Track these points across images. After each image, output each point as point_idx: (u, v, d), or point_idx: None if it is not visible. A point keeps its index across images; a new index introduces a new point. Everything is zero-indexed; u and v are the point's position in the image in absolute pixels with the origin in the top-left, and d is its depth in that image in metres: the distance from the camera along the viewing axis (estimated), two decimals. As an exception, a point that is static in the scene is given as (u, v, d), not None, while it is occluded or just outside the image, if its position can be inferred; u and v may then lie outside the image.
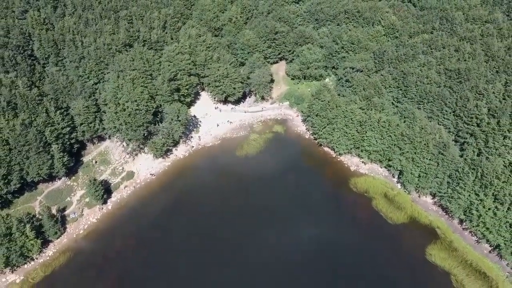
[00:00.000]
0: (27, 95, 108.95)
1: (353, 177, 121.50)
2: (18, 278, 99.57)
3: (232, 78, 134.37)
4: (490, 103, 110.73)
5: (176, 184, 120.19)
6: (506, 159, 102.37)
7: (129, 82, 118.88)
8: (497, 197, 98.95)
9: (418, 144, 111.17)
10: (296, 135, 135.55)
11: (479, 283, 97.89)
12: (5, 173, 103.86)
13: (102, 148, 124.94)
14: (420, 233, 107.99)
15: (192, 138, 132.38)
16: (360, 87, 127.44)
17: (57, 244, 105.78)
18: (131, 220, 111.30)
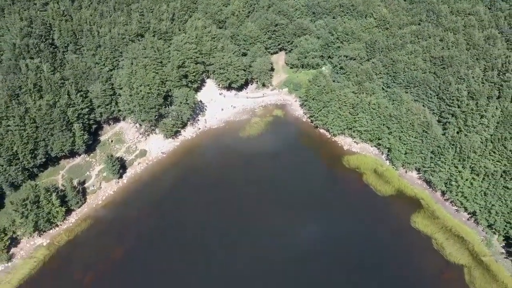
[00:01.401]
0: (50, 79, 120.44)
1: (346, 155, 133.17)
2: (44, 242, 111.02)
3: (235, 66, 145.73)
4: (470, 86, 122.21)
5: (184, 161, 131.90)
6: (483, 136, 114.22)
7: (142, 68, 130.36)
8: (474, 169, 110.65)
9: (404, 124, 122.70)
10: (295, 118, 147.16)
11: (457, 245, 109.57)
12: (32, 148, 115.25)
13: (117, 129, 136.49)
14: (406, 203, 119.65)
15: (199, 121, 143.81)
16: (353, 73, 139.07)
17: (79, 212, 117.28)
18: (145, 192, 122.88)
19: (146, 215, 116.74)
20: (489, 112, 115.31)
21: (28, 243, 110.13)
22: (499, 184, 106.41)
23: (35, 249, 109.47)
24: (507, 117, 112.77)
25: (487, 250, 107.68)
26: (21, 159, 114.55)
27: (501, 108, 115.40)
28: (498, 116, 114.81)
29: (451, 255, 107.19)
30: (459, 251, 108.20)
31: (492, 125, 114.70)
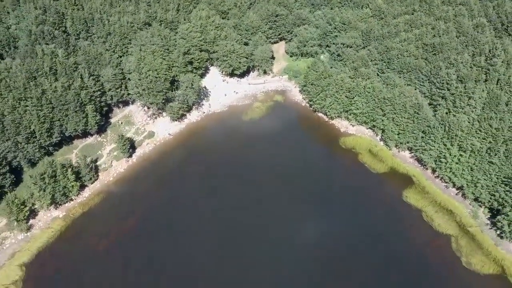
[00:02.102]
0: (65, 63, 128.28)
1: (342, 137, 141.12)
2: (60, 214, 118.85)
3: (238, 54, 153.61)
4: (459, 71, 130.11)
5: (190, 142, 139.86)
6: (470, 116, 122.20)
7: (150, 54, 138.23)
8: (461, 147, 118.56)
9: (397, 106, 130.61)
10: (294, 103, 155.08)
11: (445, 217, 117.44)
12: (48, 127, 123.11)
13: (127, 112, 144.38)
14: (398, 180, 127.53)
15: (203, 105, 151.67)
16: (350, 60, 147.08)
17: (92, 188, 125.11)
18: (153, 169, 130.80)
19: (154, 190, 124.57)
20: (476, 94, 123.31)
21: (45, 215, 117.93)
22: (484, 159, 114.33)
23: (52, 220, 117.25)
24: (493, 98, 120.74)
25: (473, 222, 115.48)
26: (38, 137, 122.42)
27: (487, 91, 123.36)
28: (484, 98, 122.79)
29: (439, 226, 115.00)
30: (447, 223, 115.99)
31: (479, 106, 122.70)
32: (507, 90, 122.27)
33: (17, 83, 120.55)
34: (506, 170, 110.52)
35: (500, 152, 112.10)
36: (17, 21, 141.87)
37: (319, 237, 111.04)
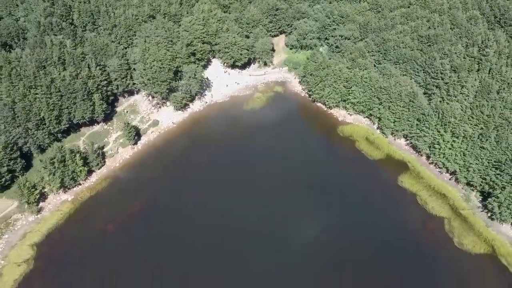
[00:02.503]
0: (73, 53, 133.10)
1: (340, 125, 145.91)
2: (69, 197, 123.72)
3: (239, 46, 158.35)
4: (452, 61, 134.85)
5: (193, 130, 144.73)
6: (463, 104, 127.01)
7: (154, 46, 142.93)
8: (454, 133, 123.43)
9: (393, 94, 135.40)
10: (294, 93, 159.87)
11: (439, 201, 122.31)
12: (57, 115, 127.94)
13: (132, 101, 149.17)
14: (394, 166, 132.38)
15: (206, 95, 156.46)
16: (348, 52, 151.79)
17: (99, 173, 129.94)
18: (157, 156, 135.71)
19: (159, 175, 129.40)
20: (469, 83, 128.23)
21: (54, 198, 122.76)
22: (476, 145, 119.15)
23: (61, 204, 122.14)
24: (485, 87, 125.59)
25: (465, 205, 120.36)
26: (47, 124, 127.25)
27: (479, 79, 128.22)
28: (476, 86, 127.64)
29: (433, 209, 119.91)
30: (440, 206, 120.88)
31: (472, 94, 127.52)
32: (498, 79, 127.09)
33: (27, 72, 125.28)
34: (497, 155, 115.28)
35: (491, 138, 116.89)
36: (25, 13, 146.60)
37: (318, 219, 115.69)
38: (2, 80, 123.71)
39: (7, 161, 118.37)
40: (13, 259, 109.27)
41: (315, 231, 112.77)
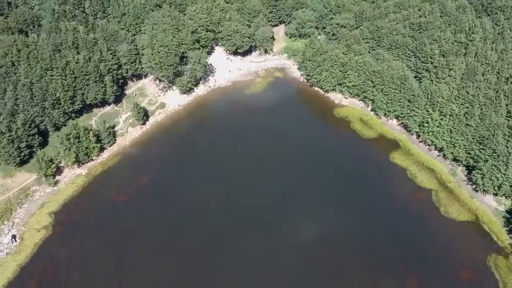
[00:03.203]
0: (85, 38, 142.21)
1: (336, 108, 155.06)
2: (83, 171, 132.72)
3: (241, 34, 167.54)
4: (441, 46, 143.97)
5: (198, 111, 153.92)
6: (450, 86, 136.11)
7: (162, 32, 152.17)
8: (442, 112, 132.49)
9: (386, 77, 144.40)
10: (293, 79, 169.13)
11: (427, 175, 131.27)
12: (71, 95, 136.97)
13: (140, 85, 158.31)
14: (386, 144, 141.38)
15: (209, 80, 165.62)
16: (344, 39, 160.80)
17: (110, 150, 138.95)
18: (165, 135, 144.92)
19: (166, 152, 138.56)
20: (456, 66, 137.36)
21: (70, 172, 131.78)
22: (462, 122, 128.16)
23: (76, 177, 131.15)
24: (471, 69, 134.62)
25: (452, 178, 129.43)
26: (62, 104, 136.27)
27: (466, 63, 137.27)
28: (463, 69, 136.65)
29: (422, 182, 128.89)
30: (429, 179, 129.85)
31: (458, 76, 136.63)
32: (483, 62, 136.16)
33: (44, 55, 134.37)
34: (481, 131, 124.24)
35: (475, 115, 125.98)
36: (40, 2, 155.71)
37: (316, 189, 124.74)
38: (21, 62, 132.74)
39: (26, 137, 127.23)
40: (32, 225, 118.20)
41: (312, 198, 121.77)
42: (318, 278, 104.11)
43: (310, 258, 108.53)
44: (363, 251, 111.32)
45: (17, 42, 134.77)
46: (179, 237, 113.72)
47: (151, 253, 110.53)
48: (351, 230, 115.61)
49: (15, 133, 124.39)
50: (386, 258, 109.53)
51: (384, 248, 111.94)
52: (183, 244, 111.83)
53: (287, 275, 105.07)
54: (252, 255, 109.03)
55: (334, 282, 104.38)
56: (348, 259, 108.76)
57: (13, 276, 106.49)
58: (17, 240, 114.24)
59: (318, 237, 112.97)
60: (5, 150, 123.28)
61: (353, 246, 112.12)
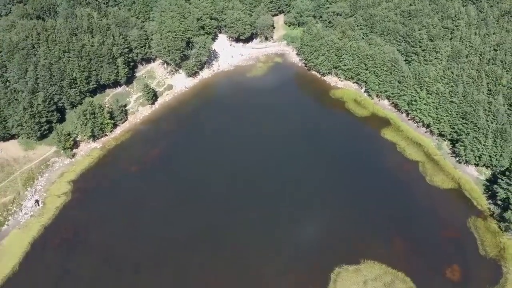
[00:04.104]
0: (99, 23, 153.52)
1: (332, 90, 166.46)
2: (98, 145, 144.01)
3: (243, 21, 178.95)
4: (429, 31, 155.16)
5: (203, 93, 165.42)
6: (437, 67, 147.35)
7: (169, 19, 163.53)
8: (428, 90, 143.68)
9: (378, 61, 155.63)
10: (291, 64, 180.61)
11: (415, 149, 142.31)
12: (87, 76, 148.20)
13: (149, 68, 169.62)
14: (378, 122, 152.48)
15: (213, 65, 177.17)
16: (339, 26, 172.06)
17: (122, 127, 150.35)
18: (173, 113, 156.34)
19: (174, 129, 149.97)
20: (442, 49, 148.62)
21: (85, 146, 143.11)
22: (446, 100, 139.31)
23: (91, 150, 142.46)
24: (455, 52, 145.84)
25: (437, 151, 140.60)
26: (78, 83, 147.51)
27: (451, 46, 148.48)
28: (449, 52, 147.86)
29: (410, 155, 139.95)
30: (416, 153, 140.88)
31: (444, 58, 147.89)
32: (467, 46, 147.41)
33: (61, 38, 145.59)
34: (464, 107, 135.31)
35: (459, 93, 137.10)
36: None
37: (312, 162, 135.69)
38: (41, 44, 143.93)
39: (45, 113, 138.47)
40: (53, 192, 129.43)
41: (309, 169, 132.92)
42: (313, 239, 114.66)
43: (305, 220, 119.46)
44: (355, 214, 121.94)
45: (36, 27, 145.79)
46: (186, 203, 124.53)
47: (161, 216, 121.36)
48: (344, 197, 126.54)
49: (36, 109, 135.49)
50: (376, 221, 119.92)
51: (374, 212, 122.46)
52: (189, 208, 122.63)
53: (283, 233, 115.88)
54: (252, 217, 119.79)
55: (328, 242, 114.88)
56: (340, 222, 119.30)
57: (38, 234, 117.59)
58: (39, 204, 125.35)
59: (314, 201, 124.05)
60: (27, 124, 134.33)
61: (345, 210, 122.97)
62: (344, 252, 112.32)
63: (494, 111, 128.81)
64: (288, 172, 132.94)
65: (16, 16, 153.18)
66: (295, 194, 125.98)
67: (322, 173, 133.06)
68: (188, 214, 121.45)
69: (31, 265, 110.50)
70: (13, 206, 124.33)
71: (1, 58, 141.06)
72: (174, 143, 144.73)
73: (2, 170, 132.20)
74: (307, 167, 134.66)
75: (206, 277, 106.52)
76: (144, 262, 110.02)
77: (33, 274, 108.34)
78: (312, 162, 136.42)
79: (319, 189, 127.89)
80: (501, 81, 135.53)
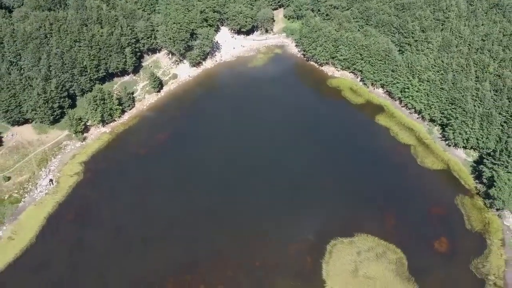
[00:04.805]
0: (108, 15, 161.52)
1: (329, 79, 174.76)
2: (107, 130, 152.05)
3: (245, 14, 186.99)
4: (422, 23, 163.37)
5: (206, 82, 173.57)
6: (428, 57, 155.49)
7: (174, 11, 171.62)
8: (420, 78, 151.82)
9: (372, 51, 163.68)
10: (291, 54, 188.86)
11: (407, 133, 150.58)
12: (96, 64, 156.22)
13: (155, 58, 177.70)
14: (372, 109, 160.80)
15: (216, 55, 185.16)
16: (336, 18, 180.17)
17: (130, 113, 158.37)
18: (177, 101, 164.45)
19: (179, 115, 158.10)
20: (433, 39, 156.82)
21: (95, 130, 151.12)
22: (437, 87, 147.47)
23: (101, 134, 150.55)
24: (446, 42, 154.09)
25: (428, 136, 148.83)
26: (88, 71, 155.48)
27: (442, 37, 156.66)
28: (440, 42, 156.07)
29: (402, 139, 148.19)
30: (408, 137, 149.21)
31: (436, 48, 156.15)
32: (457, 36, 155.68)
33: (72, 28, 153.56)
34: (453, 94, 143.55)
35: (448, 81, 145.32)
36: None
37: (310, 146, 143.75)
38: (53, 34, 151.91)
39: (58, 98, 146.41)
40: (66, 172, 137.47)
41: (307, 152, 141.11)
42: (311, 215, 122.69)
43: (304, 198, 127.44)
44: (350, 193, 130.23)
45: (49, 17, 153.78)
46: (190, 182, 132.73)
47: (167, 194, 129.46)
48: (340, 176, 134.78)
49: (49, 94, 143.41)
50: (369, 198, 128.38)
51: (368, 190, 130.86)
52: (194, 187, 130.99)
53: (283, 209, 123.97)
54: (253, 195, 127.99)
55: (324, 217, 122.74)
56: (336, 199, 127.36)
57: (52, 210, 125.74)
58: (53, 183, 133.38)
59: (312, 180, 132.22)
60: (41, 109, 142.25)
61: (341, 189, 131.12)
62: (339, 226, 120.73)
63: (481, 96, 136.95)
64: (287, 154, 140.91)
65: (29, 8, 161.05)
66: (294, 174, 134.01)
67: (320, 155, 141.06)
68: (193, 192, 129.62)
69: (47, 237, 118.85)
70: (29, 184, 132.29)
71: (15, 47, 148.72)
72: (179, 129, 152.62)
73: (18, 152, 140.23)
74: (305, 150, 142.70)
75: (210, 249, 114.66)
76: (151, 235, 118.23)
77: (49, 245, 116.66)
78: (310, 145, 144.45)
79: (317, 170, 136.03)
80: (488, 68, 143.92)
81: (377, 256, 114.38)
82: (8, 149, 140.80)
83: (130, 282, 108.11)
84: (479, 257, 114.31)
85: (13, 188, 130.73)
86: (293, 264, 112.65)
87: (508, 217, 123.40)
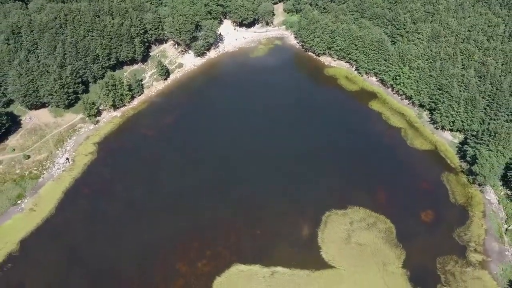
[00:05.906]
0: (118, 7, 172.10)
1: (326, 68, 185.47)
2: (118, 114, 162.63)
3: (246, 8, 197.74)
4: (413, 15, 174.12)
5: (210, 71, 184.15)
6: (418, 46, 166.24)
7: (180, 4, 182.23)
8: (410, 66, 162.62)
9: (366, 41, 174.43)
10: (290, 46, 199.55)
11: (398, 117, 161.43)
12: (108, 53, 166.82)
13: (162, 48, 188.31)
14: (366, 96, 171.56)
15: (219, 46, 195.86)
16: (333, 11, 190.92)
17: (139, 99, 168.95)
18: (183, 88, 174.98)
19: (185, 101, 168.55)
20: (423, 30, 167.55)
21: (107, 114, 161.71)
22: (426, 74, 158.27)
23: (112, 118, 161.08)
24: (435, 33, 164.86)
25: (418, 120, 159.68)
26: (100, 59, 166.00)
27: (431, 28, 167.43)
28: (429, 33, 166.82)
29: (393, 123, 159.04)
30: (399, 121, 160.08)
31: (425, 39, 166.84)
32: (445, 27, 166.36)
33: (86, 19, 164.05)
34: (440, 80, 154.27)
35: (437, 68, 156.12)
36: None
37: (308, 129, 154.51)
38: (67, 24, 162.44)
39: (72, 84, 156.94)
40: (81, 151, 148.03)
41: (305, 134, 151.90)
42: (307, 189, 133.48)
43: (301, 174, 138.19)
44: (344, 170, 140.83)
45: (63, 9, 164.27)
46: (196, 160, 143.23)
47: (175, 171, 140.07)
48: (335, 155, 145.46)
49: (65, 80, 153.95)
50: (362, 175, 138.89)
51: (361, 168, 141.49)
52: (199, 164, 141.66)
53: (281, 184, 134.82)
54: (254, 171, 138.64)
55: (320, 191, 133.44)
56: (331, 175, 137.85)
57: (69, 185, 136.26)
58: (70, 161, 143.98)
59: (309, 158, 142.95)
60: (57, 94, 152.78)
61: (336, 166, 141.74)
62: (334, 200, 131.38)
63: (466, 82, 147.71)
64: (286, 135, 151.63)
65: (44, 0, 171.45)
66: (292, 153, 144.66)
67: (318, 137, 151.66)
68: (198, 168, 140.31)
69: (65, 208, 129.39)
70: (47, 162, 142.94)
71: (32, 37, 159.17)
72: (185, 113, 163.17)
73: (36, 134, 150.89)
74: (303, 132, 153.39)
75: (215, 218, 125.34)
76: (161, 207, 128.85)
77: (67, 215, 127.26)
78: (307, 128, 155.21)
79: (314, 150, 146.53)
80: (473, 57, 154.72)
81: (368, 226, 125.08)
82: (26, 130, 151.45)
83: (142, 248, 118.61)
84: (462, 227, 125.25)
85: (33, 166, 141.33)
86: (291, 232, 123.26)
87: (489, 192, 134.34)
